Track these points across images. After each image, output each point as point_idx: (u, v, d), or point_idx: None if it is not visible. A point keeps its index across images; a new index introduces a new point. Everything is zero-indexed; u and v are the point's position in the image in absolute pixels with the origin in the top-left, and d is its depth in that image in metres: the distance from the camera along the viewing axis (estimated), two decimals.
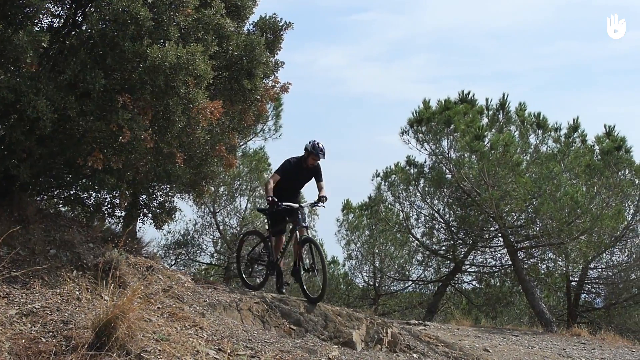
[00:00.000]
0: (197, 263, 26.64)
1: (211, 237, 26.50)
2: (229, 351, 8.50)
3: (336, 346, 9.98)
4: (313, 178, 11.79)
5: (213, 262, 27.17)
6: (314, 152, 11.36)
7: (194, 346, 8.28)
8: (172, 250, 25.54)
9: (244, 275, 12.36)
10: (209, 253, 26.77)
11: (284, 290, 11.71)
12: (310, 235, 11.48)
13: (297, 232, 11.28)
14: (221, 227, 26.06)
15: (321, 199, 11.57)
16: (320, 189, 11.69)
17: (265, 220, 13.73)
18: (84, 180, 11.34)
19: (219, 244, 26.60)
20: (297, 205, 11.33)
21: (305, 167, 11.57)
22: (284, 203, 11.23)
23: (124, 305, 7.56)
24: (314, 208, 11.99)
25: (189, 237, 26.07)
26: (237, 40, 11.30)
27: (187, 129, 10.33)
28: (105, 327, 7.41)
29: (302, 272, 11.36)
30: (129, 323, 7.54)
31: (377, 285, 26.33)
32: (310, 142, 11.42)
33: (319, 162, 11.63)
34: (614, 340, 16.73)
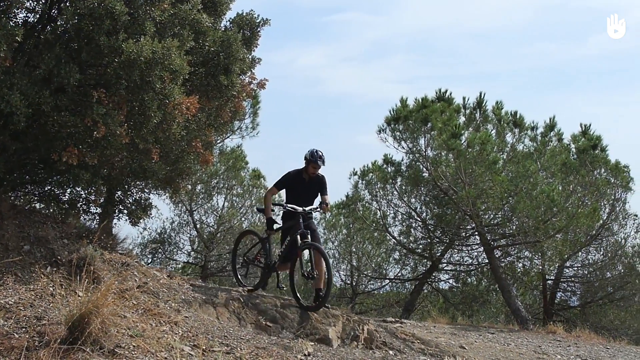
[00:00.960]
0: (173, 261, 26.57)
1: (188, 235, 26.49)
2: (204, 347, 8.45)
3: (312, 343, 9.94)
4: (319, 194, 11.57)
5: (190, 261, 27.11)
6: (313, 159, 11.15)
7: (169, 342, 8.23)
8: (148, 248, 25.46)
9: (239, 276, 12.17)
10: (185, 252, 26.76)
11: (284, 287, 11.62)
12: (314, 242, 11.07)
13: (298, 236, 10.99)
14: (198, 226, 26.02)
15: (322, 205, 11.34)
16: (325, 199, 11.44)
17: (263, 221, 13.23)
18: (58, 177, 11.25)
19: (196, 243, 26.55)
20: (300, 209, 11.09)
21: (307, 178, 11.34)
22: (288, 205, 11.12)
23: (97, 301, 7.50)
24: (316, 212, 11.79)
25: (165, 235, 26.00)
26: (213, 36, 11.27)
27: (163, 125, 10.27)
28: (79, 323, 7.34)
29: (295, 279, 11.12)
30: (102, 318, 7.48)
31: (354, 283, 26.36)
32: (309, 151, 11.23)
33: (323, 175, 11.44)
34: (589, 338, 16.83)
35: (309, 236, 10.95)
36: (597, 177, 21.24)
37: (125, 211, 12.23)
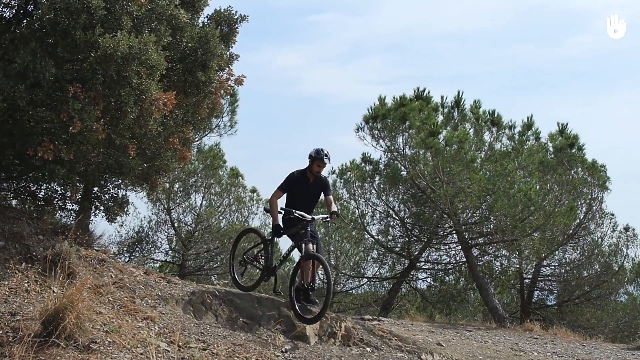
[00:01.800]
0: (151, 260, 26.43)
1: (166, 234, 26.35)
2: (180, 344, 8.41)
3: (289, 340, 9.94)
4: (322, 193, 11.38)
5: (168, 260, 26.97)
6: (319, 157, 10.93)
7: (145, 338, 8.19)
8: (125, 246, 25.29)
9: (235, 275, 11.86)
10: (163, 251, 26.60)
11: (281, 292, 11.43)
12: (319, 252, 10.87)
13: (304, 245, 10.74)
14: (176, 225, 25.91)
15: (332, 215, 11.08)
16: (329, 203, 11.28)
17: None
18: (34, 173, 11.16)
19: (174, 242, 26.43)
20: (310, 216, 10.82)
21: (312, 178, 11.14)
22: (296, 212, 10.76)
23: (72, 296, 7.45)
24: (325, 222, 11.56)
25: (143, 234, 25.86)
26: (191, 32, 11.22)
27: (140, 121, 10.20)
28: (53, 317, 7.28)
29: (294, 287, 10.89)
30: (77, 313, 7.43)
31: (332, 282, 26.29)
32: (314, 149, 11.00)
33: (325, 175, 11.37)
34: (565, 335, 16.91)
35: (314, 246, 10.78)
36: (574, 176, 21.38)
37: (102, 207, 12.16)
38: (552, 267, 23.92)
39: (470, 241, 21.25)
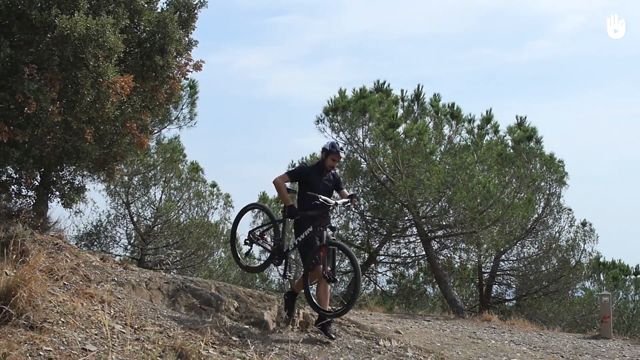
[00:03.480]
0: (109, 255, 26.16)
1: (125, 229, 26.12)
2: (136, 327, 8.33)
3: (247, 325, 9.90)
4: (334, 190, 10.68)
5: (127, 255, 26.75)
6: (334, 151, 10.29)
7: (100, 320, 8.09)
8: (84, 241, 25.02)
9: (238, 255, 11.39)
10: (122, 245, 26.37)
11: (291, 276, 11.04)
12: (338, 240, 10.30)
13: (326, 232, 10.05)
14: (135, 219, 25.72)
15: (352, 198, 10.46)
16: (344, 195, 10.54)
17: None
18: None
19: (133, 236, 26.22)
20: (334, 201, 10.12)
21: (325, 172, 10.46)
22: (321, 197, 9.98)
23: (24, 274, 7.32)
24: (348, 207, 11.03)
25: (101, 227, 25.62)
26: (149, 16, 11.14)
27: (96, 104, 10.09)
28: (5, 295, 7.15)
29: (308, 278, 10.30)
30: (30, 291, 7.31)
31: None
32: (328, 142, 10.43)
33: (338, 173, 10.90)
34: (523, 326, 17.11)
35: (334, 233, 10.31)
36: (533, 170, 21.61)
37: (58, 193, 12.00)
38: (511, 262, 24.19)
39: (429, 234, 21.37)
